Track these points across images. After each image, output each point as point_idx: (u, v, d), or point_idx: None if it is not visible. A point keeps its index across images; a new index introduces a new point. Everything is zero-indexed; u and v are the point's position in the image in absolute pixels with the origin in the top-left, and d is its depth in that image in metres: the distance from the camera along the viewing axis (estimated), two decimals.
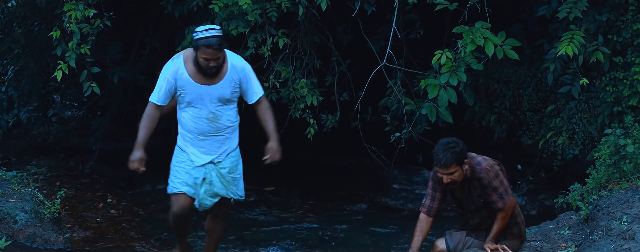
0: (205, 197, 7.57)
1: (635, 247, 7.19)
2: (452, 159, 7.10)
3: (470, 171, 7.20)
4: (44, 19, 10.48)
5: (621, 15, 8.88)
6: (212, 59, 7.15)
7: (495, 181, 7.21)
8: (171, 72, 7.31)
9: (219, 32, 7.16)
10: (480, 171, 7.20)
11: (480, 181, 7.21)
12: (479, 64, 8.72)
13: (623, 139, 8.32)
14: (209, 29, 7.13)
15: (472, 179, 7.23)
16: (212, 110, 7.36)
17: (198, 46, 7.13)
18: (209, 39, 7.09)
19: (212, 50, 7.11)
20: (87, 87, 9.44)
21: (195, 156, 7.48)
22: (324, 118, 9.92)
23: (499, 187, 7.21)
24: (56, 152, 11.36)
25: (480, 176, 7.20)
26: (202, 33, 7.12)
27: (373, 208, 10.47)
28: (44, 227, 8.84)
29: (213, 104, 7.35)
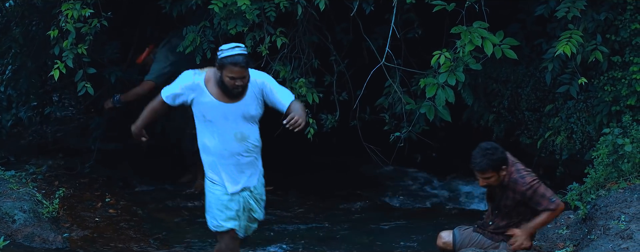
0: (248, 224, 7.49)
1: (633, 247, 7.20)
2: (488, 165, 7.31)
3: (510, 180, 7.35)
4: (42, 19, 10.47)
5: (619, 15, 8.88)
6: (238, 78, 7.00)
7: (541, 189, 7.35)
8: (187, 86, 7.18)
9: (244, 50, 7.03)
10: (524, 184, 7.35)
11: (523, 194, 7.35)
12: (477, 64, 8.73)
13: (621, 139, 8.33)
14: (235, 47, 6.99)
15: (514, 189, 7.36)
16: (239, 129, 7.21)
17: (224, 65, 6.98)
18: (236, 57, 6.94)
19: (239, 69, 6.96)
20: (81, 87, 9.45)
21: (229, 182, 7.32)
22: (323, 118, 9.92)
23: (546, 194, 7.34)
24: (55, 152, 11.34)
25: (523, 190, 7.35)
26: (227, 51, 6.98)
27: (372, 207, 10.47)
28: (42, 226, 8.84)
29: (238, 122, 7.19)
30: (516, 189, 7.34)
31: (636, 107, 8.89)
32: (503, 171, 7.34)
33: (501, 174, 7.34)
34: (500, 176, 7.34)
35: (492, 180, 7.35)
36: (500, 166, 7.32)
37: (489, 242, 7.63)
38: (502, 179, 7.36)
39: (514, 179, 7.35)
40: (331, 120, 9.87)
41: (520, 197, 7.35)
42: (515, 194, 7.36)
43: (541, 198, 7.31)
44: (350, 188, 11.01)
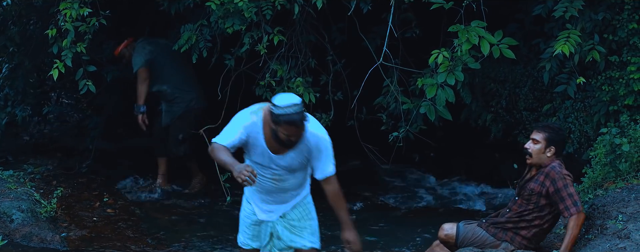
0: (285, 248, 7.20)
1: (631, 246, 7.21)
2: (544, 129, 7.60)
3: (549, 166, 7.53)
4: (40, 18, 10.47)
5: (617, 15, 8.88)
6: (293, 135, 6.60)
7: (571, 188, 7.45)
8: (247, 126, 6.69)
9: (301, 106, 6.51)
10: (559, 173, 7.48)
11: (554, 183, 7.46)
12: (476, 63, 8.73)
13: (619, 138, 8.33)
14: (292, 104, 6.46)
15: (548, 174, 7.51)
16: (278, 174, 6.87)
17: (279, 122, 6.50)
18: (293, 116, 6.45)
19: (295, 129, 6.53)
20: (82, 85, 9.44)
21: (259, 211, 7.08)
22: (318, 117, 9.92)
23: (574, 195, 7.42)
24: (53, 152, 11.34)
25: (555, 177, 7.47)
26: (283, 109, 6.48)
27: (369, 207, 10.47)
28: (40, 226, 8.86)
29: (280, 170, 6.85)
30: (549, 174, 7.49)
31: (634, 106, 8.89)
32: (548, 150, 7.57)
33: (546, 152, 7.57)
34: (544, 151, 7.57)
35: (536, 147, 7.58)
36: (551, 142, 7.57)
37: (490, 239, 7.67)
38: (541, 159, 7.57)
39: (552, 166, 7.53)
40: (326, 119, 9.87)
41: (549, 184, 7.46)
42: (546, 179, 7.49)
43: (567, 196, 7.41)
44: (347, 188, 10.89)
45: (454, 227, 7.81)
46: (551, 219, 7.65)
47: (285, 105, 6.47)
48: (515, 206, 7.68)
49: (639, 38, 8.79)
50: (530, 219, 7.61)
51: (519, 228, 7.64)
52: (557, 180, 7.44)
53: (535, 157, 7.60)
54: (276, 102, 6.49)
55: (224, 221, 9.81)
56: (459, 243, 7.74)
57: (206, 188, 10.61)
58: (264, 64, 9.59)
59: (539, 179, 7.54)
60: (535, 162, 7.62)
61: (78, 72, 9.45)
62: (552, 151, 7.55)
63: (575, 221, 7.39)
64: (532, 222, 7.62)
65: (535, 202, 7.56)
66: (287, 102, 6.48)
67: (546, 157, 7.56)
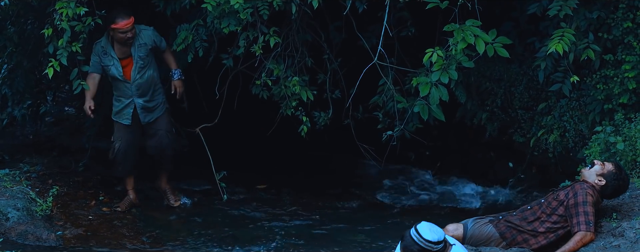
0: None
1: (625, 244, 7.23)
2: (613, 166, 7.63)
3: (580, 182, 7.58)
4: (37, 17, 10.48)
5: (611, 13, 8.90)
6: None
7: (590, 208, 7.43)
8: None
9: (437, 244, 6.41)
10: (583, 188, 7.50)
11: (575, 196, 7.47)
12: (470, 62, 8.74)
13: (613, 137, 8.34)
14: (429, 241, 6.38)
15: (573, 186, 7.55)
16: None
17: None
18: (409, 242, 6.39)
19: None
20: (76, 85, 9.48)
21: None
22: (316, 116, 9.95)
23: (590, 214, 7.41)
24: (49, 151, 11.35)
25: (578, 191, 7.48)
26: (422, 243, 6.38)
27: (365, 205, 10.48)
28: (36, 224, 8.89)
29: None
30: (575, 187, 7.51)
31: (628, 105, 8.91)
32: (599, 178, 7.59)
33: (597, 176, 7.60)
34: (598, 173, 7.60)
35: (596, 167, 7.62)
36: (607, 177, 7.58)
37: (495, 235, 7.67)
38: (588, 176, 7.61)
39: (581, 183, 7.55)
40: (324, 117, 9.88)
41: (572, 196, 7.46)
42: (571, 190, 7.51)
43: (583, 213, 7.40)
44: (343, 186, 11.02)
45: (459, 228, 7.79)
46: (562, 235, 7.59)
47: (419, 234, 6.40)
48: (537, 206, 7.67)
49: (633, 37, 8.82)
50: (542, 231, 7.58)
51: (530, 236, 7.64)
52: (579, 194, 7.42)
53: (588, 172, 7.64)
54: (419, 227, 6.43)
55: (220, 219, 9.83)
56: (466, 242, 7.73)
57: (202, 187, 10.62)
58: (260, 63, 9.61)
59: (567, 188, 7.57)
60: (584, 175, 7.66)
61: (73, 72, 9.47)
62: (603, 182, 7.56)
63: (580, 237, 7.37)
64: (543, 233, 7.58)
65: (554, 207, 7.54)
66: (424, 234, 6.40)
67: (593, 178, 7.59)
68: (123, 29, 9.49)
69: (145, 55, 9.69)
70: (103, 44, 9.66)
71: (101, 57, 9.66)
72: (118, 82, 9.74)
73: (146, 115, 9.85)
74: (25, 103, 11.25)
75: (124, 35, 9.52)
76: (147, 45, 9.68)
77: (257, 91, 9.72)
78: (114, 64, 9.66)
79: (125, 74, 9.70)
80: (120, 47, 9.67)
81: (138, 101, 9.76)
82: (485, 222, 7.76)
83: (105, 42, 9.66)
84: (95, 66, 9.72)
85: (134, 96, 9.74)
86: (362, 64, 9.42)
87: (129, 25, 9.49)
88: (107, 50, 9.65)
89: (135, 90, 9.72)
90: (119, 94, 9.81)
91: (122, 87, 9.75)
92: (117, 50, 9.67)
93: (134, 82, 9.70)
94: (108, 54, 9.65)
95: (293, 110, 9.61)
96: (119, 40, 9.59)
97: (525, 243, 7.62)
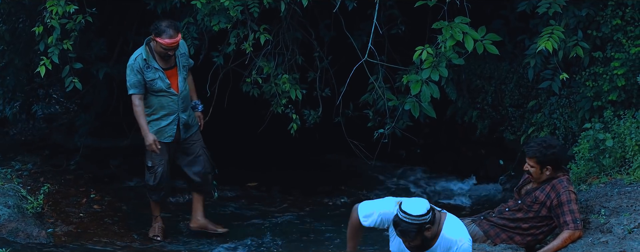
0: None
1: (613, 240, 7.25)
2: (533, 154, 7.50)
3: (556, 179, 7.50)
4: (29, 16, 10.50)
5: (601, 11, 8.91)
6: (406, 242, 6.67)
7: (574, 205, 7.44)
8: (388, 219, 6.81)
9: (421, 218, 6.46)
10: (564, 188, 7.48)
11: (558, 196, 7.46)
12: (459, 59, 8.76)
13: (602, 134, 8.36)
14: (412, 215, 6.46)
15: (554, 186, 7.51)
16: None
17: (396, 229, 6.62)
18: (406, 226, 6.49)
19: (405, 239, 6.61)
20: (68, 83, 9.46)
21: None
22: (306, 114, 9.96)
23: (576, 212, 7.42)
24: (41, 149, 11.37)
25: (560, 190, 7.47)
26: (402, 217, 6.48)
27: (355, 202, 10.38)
28: (26, 222, 8.90)
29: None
30: (556, 186, 7.47)
31: (618, 102, 8.92)
32: (547, 170, 7.52)
33: (544, 172, 7.51)
34: (542, 173, 7.51)
35: (532, 170, 7.55)
36: (546, 164, 7.49)
37: (480, 234, 7.70)
38: (541, 177, 7.53)
39: (560, 179, 7.52)
40: (314, 116, 9.90)
41: (554, 197, 7.45)
42: (552, 191, 7.48)
43: (569, 212, 7.42)
44: (333, 184, 11.04)
45: None
46: (546, 231, 7.65)
47: (407, 213, 6.48)
48: (515, 209, 7.68)
49: (622, 34, 8.83)
50: (527, 227, 7.61)
51: (515, 234, 7.67)
52: (561, 194, 7.43)
53: (536, 178, 7.58)
54: (403, 207, 6.51)
55: (211, 217, 9.83)
56: None
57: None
58: (250, 61, 9.62)
59: (546, 189, 7.54)
60: (539, 180, 7.62)
61: (64, 69, 9.47)
62: (550, 169, 7.53)
63: (568, 235, 7.39)
64: (527, 231, 7.62)
65: (537, 210, 7.56)
66: (411, 210, 6.48)
67: (546, 176, 7.56)
68: (168, 46, 8.76)
69: (186, 64, 9.08)
70: (144, 56, 8.87)
71: (144, 72, 8.86)
72: (163, 97, 8.94)
73: (186, 131, 9.17)
74: (17, 101, 11.26)
75: (166, 51, 8.80)
76: (185, 55, 9.09)
77: (247, 89, 9.73)
78: (160, 76, 8.88)
79: (172, 85, 8.98)
80: (161, 59, 8.94)
81: (182, 116, 9.06)
82: (467, 221, 7.78)
83: (146, 53, 8.88)
84: (138, 86, 8.89)
85: (180, 111, 9.03)
86: (353, 61, 9.43)
87: (175, 43, 8.76)
88: (149, 62, 8.87)
89: (181, 103, 9.01)
90: (163, 111, 9.00)
91: (167, 102, 8.96)
92: (159, 61, 8.92)
93: (181, 94, 8.99)
94: (151, 67, 8.87)
95: (283, 108, 9.62)
96: (159, 53, 8.86)
97: (511, 240, 7.64)
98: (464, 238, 6.65)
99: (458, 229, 6.68)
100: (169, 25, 8.71)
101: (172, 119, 9.01)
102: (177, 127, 9.05)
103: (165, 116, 9.00)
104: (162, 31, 8.69)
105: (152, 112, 8.98)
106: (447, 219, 6.67)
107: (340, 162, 11.56)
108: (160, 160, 9.07)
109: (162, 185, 9.20)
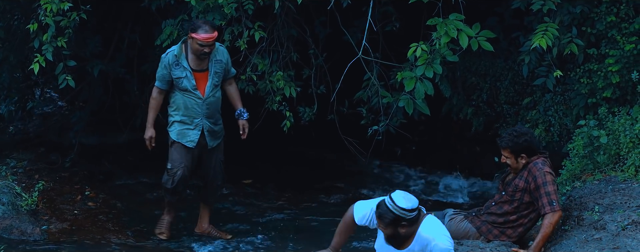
0: None
1: (606, 237, 7.25)
2: (506, 144, 7.58)
3: (532, 163, 7.54)
4: (24, 13, 10.50)
5: (595, 7, 8.91)
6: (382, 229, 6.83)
7: (550, 187, 7.46)
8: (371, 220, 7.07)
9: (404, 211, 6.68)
10: (540, 170, 7.50)
11: (534, 179, 7.49)
12: (454, 56, 8.76)
13: (597, 130, 8.35)
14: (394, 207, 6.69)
15: (530, 170, 7.54)
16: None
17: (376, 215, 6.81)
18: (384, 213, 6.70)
19: (381, 223, 6.75)
20: (61, 80, 9.45)
21: None
22: (301, 111, 9.96)
23: (552, 194, 7.43)
24: (37, 147, 11.36)
25: (536, 174, 7.49)
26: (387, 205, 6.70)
27: (350, 200, 10.40)
28: (20, 219, 8.91)
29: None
30: (531, 170, 7.52)
31: (612, 99, 8.92)
32: (522, 159, 7.59)
33: (519, 161, 7.59)
34: (518, 162, 7.59)
35: (508, 161, 7.62)
36: (520, 152, 7.57)
37: (473, 230, 7.70)
38: (518, 166, 7.59)
39: (535, 162, 7.56)
40: (309, 113, 9.90)
41: (531, 180, 7.50)
42: (528, 175, 7.53)
43: (545, 194, 7.43)
44: (328, 181, 11.05)
45: None
46: (534, 217, 7.67)
47: (393, 201, 6.68)
48: (501, 201, 7.70)
49: (617, 31, 8.83)
50: (515, 219, 7.63)
51: (506, 228, 7.67)
52: (537, 177, 7.46)
53: (514, 167, 7.65)
54: (394, 194, 6.73)
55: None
56: None
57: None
58: (245, 58, 9.62)
59: (523, 174, 7.58)
60: (517, 170, 7.66)
61: (58, 66, 9.46)
62: (525, 157, 7.58)
63: (549, 219, 7.40)
64: (517, 222, 7.64)
65: (519, 198, 7.58)
66: (398, 200, 6.68)
67: (523, 164, 7.60)
68: (203, 42, 8.60)
69: (221, 71, 8.87)
70: (176, 52, 8.75)
71: (172, 68, 8.75)
72: (187, 98, 8.78)
73: (212, 140, 8.97)
74: (13, 99, 11.26)
75: (202, 48, 8.63)
76: (222, 63, 8.87)
77: (242, 86, 9.72)
78: (187, 76, 8.73)
79: (199, 87, 8.82)
80: (195, 59, 8.76)
81: (206, 122, 8.87)
82: (461, 218, 7.79)
83: (179, 51, 8.75)
84: (162, 80, 8.82)
85: (203, 116, 8.84)
86: (347, 58, 9.43)
87: (211, 39, 8.60)
88: (180, 61, 8.73)
89: (206, 109, 8.83)
90: (185, 113, 8.83)
91: (190, 103, 8.80)
92: (191, 62, 8.76)
93: (206, 99, 8.81)
94: (180, 65, 8.73)
95: (278, 106, 9.62)
96: (195, 52, 8.69)
97: (504, 235, 7.65)
98: (440, 238, 6.76)
99: (435, 228, 6.80)
100: (205, 22, 8.66)
101: (196, 123, 8.83)
102: (202, 134, 8.87)
103: (188, 119, 8.82)
104: (198, 27, 8.59)
105: (175, 110, 8.88)
106: (426, 220, 6.80)
107: (335, 160, 11.56)
108: (180, 163, 8.86)
109: (179, 189, 8.99)
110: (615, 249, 7.06)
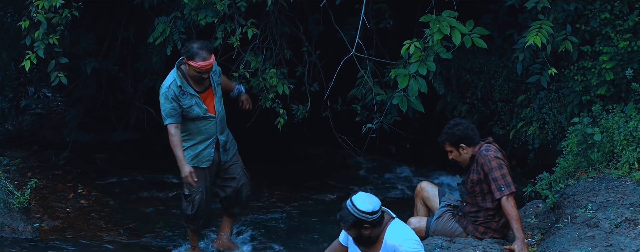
0: None
1: (599, 235, 7.24)
2: (444, 138, 7.60)
3: (478, 154, 7.52)
4: (16, 10, 10.48)
5: (589, 4, 8.89)
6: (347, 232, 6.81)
7: (496, 172, 7.43)
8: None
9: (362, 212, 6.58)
10: (485, 157, 7.49)
11: (482, 168, 7.50)
12: (447, 53, 8.74)
13: (591, 128, 8.34)
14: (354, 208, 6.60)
15: (478, 161, 7.53)
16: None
17: None
18: (344, 214, 6.62)
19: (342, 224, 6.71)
20: (54, 77, 9.41)
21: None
22: (294, 108, 9.94)
23: (499, 179, 7.40)
24: (30, 144, 11.36)
25: (482, 162, 7.49)
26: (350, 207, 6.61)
27: (343, 198, 10.30)
28: (12, 216, 8.91)
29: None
30: (478, 160, 7.51)
31: (606, 96, 8.90)
32: (463, 150, 7.55)
33: (461, 152, 7.56)
34: (461, 153, 7.56)
35: (452, 155, 7.62)
36: (459, 143, 7.54)
37: (459, 230, 7.69)
38: (462, 157, 7.56)
39: (480, 152, 7.53)
40: (302, 110, 9.88)
41: (480, 169, 7.48)
42: (477, 166, 7.51)
43: (492, 181, 7.43)
44: (322, 179, 11.04)
45: (422, 221, 7.84)
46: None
47: (353, 203, 6.60)
48: (468, 198, 7.70)
49: (611, 28, 8.81)
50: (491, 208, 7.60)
51: (488, 222, 7.66)
52: (484, 165, 7.47)
53: (461, 160, 7.63)
54: (355, 196, 6.65)
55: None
56: (431, 234, 7.76)
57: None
58: (238, 55, 9.60)
59: (474, 167, 7.58)
60: (465, 163, 7.63)
61: (50, 64, 9.43)
62: (465, 147, 7.55)
63: (505, 204, 7.39)
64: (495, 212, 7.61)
65: (480, 191, 7.57)
66: (358, 203, 6.60)
67: (468, 155, 7.57)
68: (201, 70, 8.20)
69: (218, 80, 8.54)
70: (179, 82, 8.26)
71: (180, 99, 8.27)
72: (201, 123, 8.39)
73: (225, 153, 8.66)
74: (6, 96, 11.25)
75: (201, 74, 8.22)
76: (216, 71, 8.52)
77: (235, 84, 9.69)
78: (196, 102, 8.31)
79: (208, 108, 8.43)
80: (196, 82, 8.35)
81: (221, 138, 8.53)
82: (448, 217, 7.76)
83: (179, 79, 8.28)
84: (174, 115, 8.27)
85: (217, 133, 8.48)
86: (341, 56, 9.42)
87: (209, 66, 8.18)
88: (185, 89, 8.27)
89: (219, 125, 8.47)
90: (200, 136, 8.44)
91: (204, 127, 8.42)
92: (194, 85, 8.34)
93: (219, 115, 8.46)
94: (187, 93, 8.28)
95: (271, 103, 9.60)
96: (193, 77, 8.27)
97: (490, 230, 7.64)
98: (407, 243, 6.67)
99: (401, 234, 6.71)
100: (201, 47, 8.14)
101: (210, 142, 8.47)
102: (216, 150, 8.54)
103: (203, 141, 8.45)
104: (195, 54, 8.12)
105: (188, 137, 8.42)
106: (391, 225, 6.71)
107: (328, 157, 11.55)
108: (199, 188, 8.49)
109: (201, 213, 8.60)
110: (608, 246, 7.06)
